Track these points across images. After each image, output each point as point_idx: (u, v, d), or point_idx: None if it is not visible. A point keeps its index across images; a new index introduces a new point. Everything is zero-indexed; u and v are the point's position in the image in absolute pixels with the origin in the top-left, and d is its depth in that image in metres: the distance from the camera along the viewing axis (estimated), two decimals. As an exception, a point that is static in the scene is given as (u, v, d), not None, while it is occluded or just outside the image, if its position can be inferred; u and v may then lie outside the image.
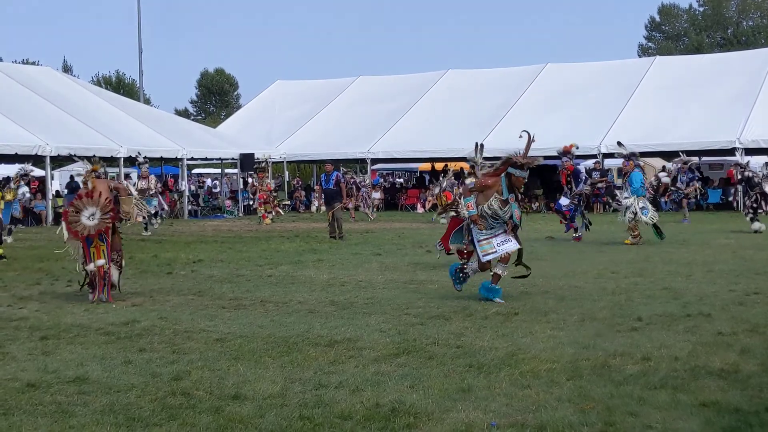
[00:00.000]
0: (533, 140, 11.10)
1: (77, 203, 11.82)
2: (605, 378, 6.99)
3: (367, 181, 35.27)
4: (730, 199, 35.37)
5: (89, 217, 11.69)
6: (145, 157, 27.61)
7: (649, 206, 18.93)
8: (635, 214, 18.72)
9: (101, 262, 11.69)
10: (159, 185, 29.26)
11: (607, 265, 14.92)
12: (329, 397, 6.59)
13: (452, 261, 12.43)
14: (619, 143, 20.94)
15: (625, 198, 19.00)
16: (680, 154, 27.95)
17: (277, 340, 8.73)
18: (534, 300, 11.03)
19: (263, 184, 30.63)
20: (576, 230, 20.39)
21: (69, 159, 38.12)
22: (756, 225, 21.22)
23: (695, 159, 29.86)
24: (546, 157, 33.82)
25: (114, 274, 11.93)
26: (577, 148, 21.86)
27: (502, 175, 11.02)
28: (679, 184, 26.11)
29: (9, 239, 21.31)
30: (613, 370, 7.25)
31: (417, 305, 10.80)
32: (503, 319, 9.74)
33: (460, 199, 13.37)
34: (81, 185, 12.49)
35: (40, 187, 34.32)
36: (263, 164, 33.57)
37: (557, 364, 7.44)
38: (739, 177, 22.80)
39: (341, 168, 34.94)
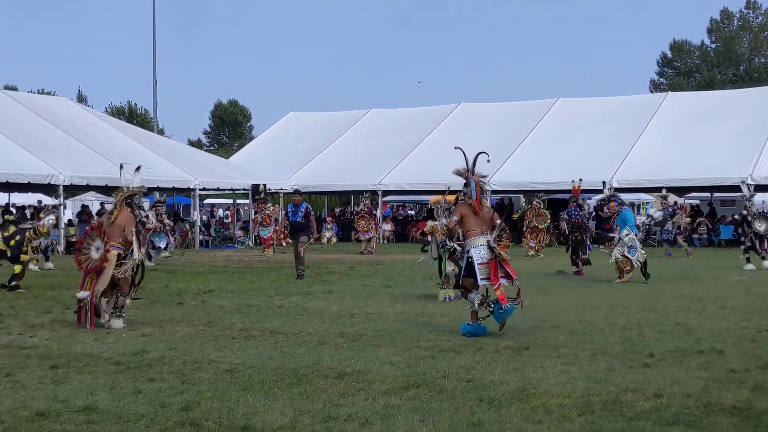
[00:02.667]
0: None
1: (91, 234, 12.26)
2: (617, 414, 6.95)
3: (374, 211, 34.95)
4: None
5: (96, 250, 12.11)
6: (164, 195, 27.80)
7: (638, 246, 18.64)
8: (622, 253, 18.49)
9: (84, 294, 11.94)
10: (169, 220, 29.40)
11: (617, 299, 14.86)
12: (339, 430, 6.57)
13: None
14: (604, 183, 21.01)
15: (626, 234, 18.77)
16: (662, 189, 27.97)
17: (286, 371, 8.70)
18: (545, 334, 10.99)
19: (264, 216, 30.16)
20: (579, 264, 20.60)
21: (81, 188, 38.34)
22: (766, 263, 21.39)
23: (673, 197, 29.88)
24: (557, 191, 34.05)
25: (115, 323, 11.92)
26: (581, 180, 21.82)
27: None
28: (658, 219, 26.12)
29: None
30: (625, 405, 7.21)
31: (427, 338, 10.77)
32: (514, 353, 9.70)
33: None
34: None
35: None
36: (262, 195, 33.21)
37: (569, 399, 7.40)
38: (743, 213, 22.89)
39: (361, 197, 34.75)
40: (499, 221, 11.36)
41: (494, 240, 11.02)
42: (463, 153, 11.51)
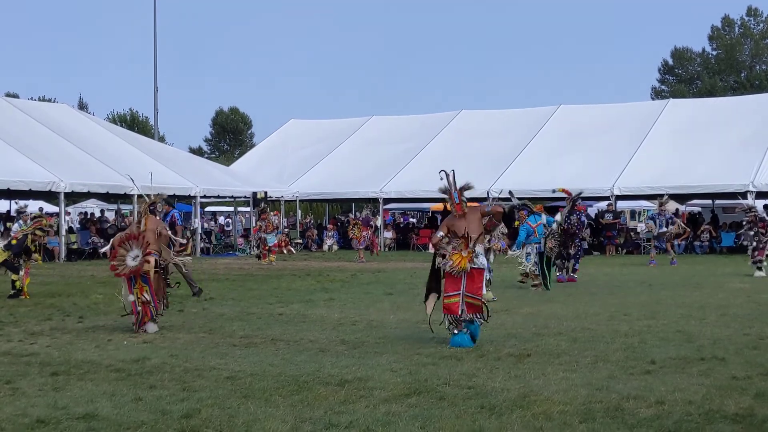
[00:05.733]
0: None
1: (126, 245, 12.40)
2: (618, 421, 6.92)
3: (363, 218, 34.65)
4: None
5: (133, 259, 12.29)
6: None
7: (534, 254, 18.48)
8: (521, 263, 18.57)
9: (147, 297, 12.25)
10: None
11: (619, 307, 14.84)
12: (339, 437, 6.54)
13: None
14: (510, 192, 20.89)
15: (513, 250, 18.88)
16: (659, 197, 27.87)
17: (287, 378, 8.68)
18: (546, 341, 10.96)
19: (267, 224, 29.56)
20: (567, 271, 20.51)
21: (83, 195, 38.35)
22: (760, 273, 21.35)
23: (672, 203, 29.74)
24: (557, 199, 34.19)
25: (150, 327, 12.20)
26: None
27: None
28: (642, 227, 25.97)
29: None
30: (627, 413, 7.18)
31: (429, 345, 10.74)
32: (515, 360, 9.68)
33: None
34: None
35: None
36: (262, 205, 32.49)
37: (570, 407, 7.37)
38: (749, 220, 22.62)
39: (366, 206, 34.52)
40: (495, 221, 11.31)
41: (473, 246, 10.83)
42: (446, 175, 11.26)
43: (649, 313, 13.97)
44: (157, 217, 13.14)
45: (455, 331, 10.77)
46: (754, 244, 21.88)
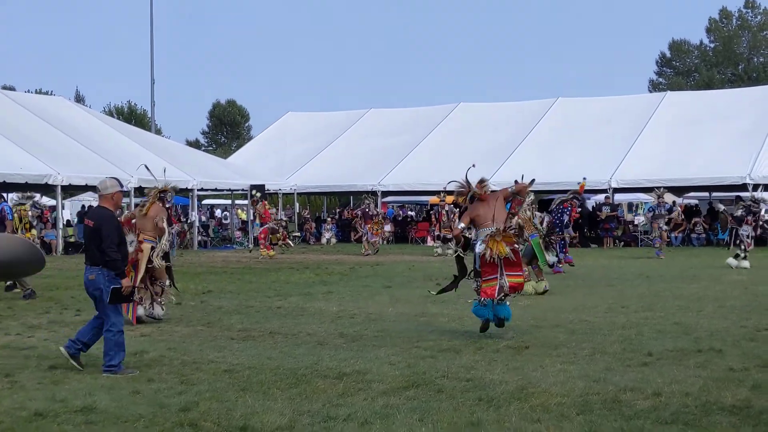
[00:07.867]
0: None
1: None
2: (616, 413, 6.95)
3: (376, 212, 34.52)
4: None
5: (129, 244, 12.12)
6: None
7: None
8: None
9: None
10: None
11: (616, 299, 14.86)
12: (338, 430, 6.57)
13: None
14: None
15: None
16: (656, 189, 27.88)
17: (285, 371, 8.70)
18: (544, 334, 10.99)
19: (259, 216, 29.00)
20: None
21: (80, 188, 38.28)
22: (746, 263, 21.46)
23: (669, 195, 29.71)
24: (555, 191, 34.20)
25: (157, 310, 12.40)
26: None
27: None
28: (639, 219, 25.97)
29: None
30: (624, 405, 7.20)
31: (427, 338, 10.76)
32: (514, 352, 9.70)
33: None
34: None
35: (51, 216, 34.43)
36: (255, 197, 31.85)
37: (568, 398, 7.39)
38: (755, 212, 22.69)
39: (364, 198, 34.12)
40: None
41: (501, 233, 10.79)
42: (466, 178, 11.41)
43: (647, 305, 14.00)
44: (166, 206, 13.24)
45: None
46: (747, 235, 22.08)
